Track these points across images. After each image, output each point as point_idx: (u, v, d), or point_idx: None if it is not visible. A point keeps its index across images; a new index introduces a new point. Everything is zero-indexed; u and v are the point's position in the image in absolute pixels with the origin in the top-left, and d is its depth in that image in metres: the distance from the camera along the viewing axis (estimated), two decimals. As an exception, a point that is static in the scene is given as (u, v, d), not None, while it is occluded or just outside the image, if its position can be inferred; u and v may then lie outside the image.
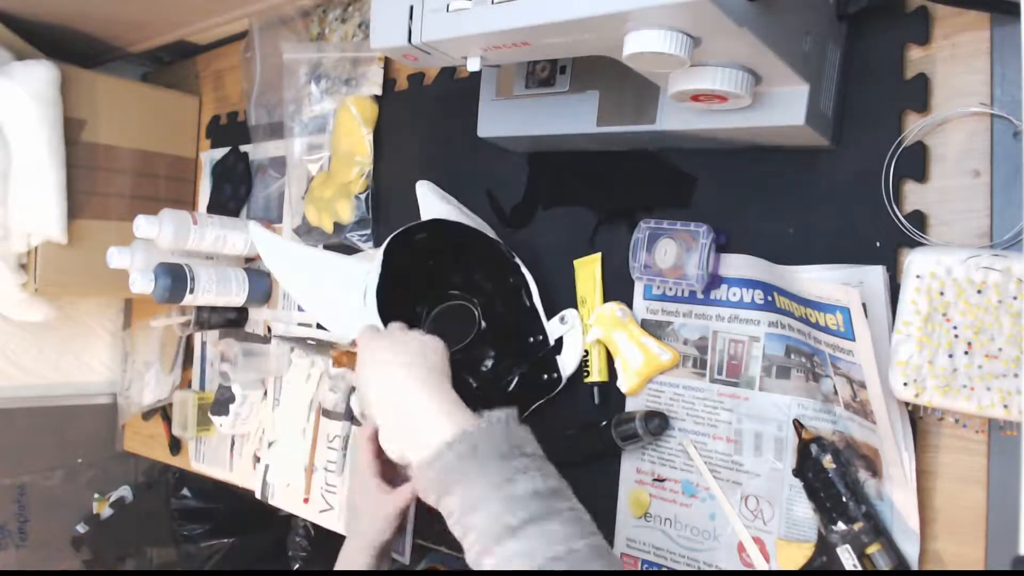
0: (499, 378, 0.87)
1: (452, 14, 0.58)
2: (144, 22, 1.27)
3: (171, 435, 1.36)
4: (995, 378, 0.53)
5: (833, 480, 0.63)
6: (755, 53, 0.56)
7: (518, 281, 0.83)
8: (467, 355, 0.88)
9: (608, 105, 0.73)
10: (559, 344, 0.83)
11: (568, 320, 0.82)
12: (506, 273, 0.84)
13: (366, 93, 1.05)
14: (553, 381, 0.83)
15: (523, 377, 0.86)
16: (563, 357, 0.83)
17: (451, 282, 0.89)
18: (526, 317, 0.84)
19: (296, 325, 1.15)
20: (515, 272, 0.83)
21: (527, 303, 0.83)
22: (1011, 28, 0.59)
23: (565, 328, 0.82)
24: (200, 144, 1.38)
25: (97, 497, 1.57)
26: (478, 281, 0.88)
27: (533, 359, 0.84)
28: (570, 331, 0.82)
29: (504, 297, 0.86)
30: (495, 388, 0.87)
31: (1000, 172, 0.60)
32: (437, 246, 0.85)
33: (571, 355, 0.82)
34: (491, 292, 0.87)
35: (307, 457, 1.10)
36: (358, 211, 1.04)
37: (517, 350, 0.86)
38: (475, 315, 0.88)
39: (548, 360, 0.84)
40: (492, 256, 0.84)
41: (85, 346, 1.54)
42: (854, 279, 0.62)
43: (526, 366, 0.85)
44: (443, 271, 0.87)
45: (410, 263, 0.83)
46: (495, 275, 0.86)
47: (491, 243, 0.83)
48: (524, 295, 0.83)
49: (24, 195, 1.11)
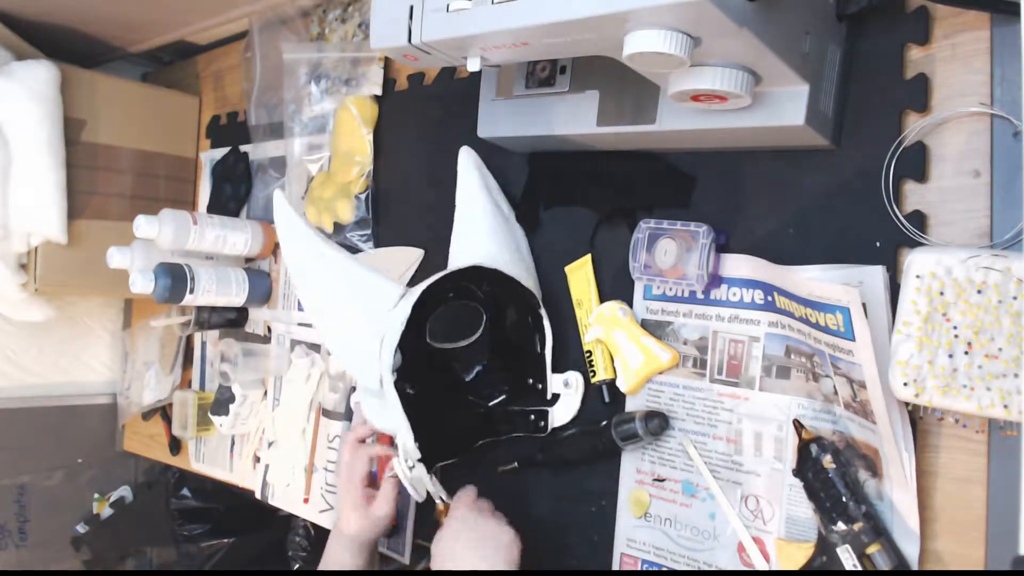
0: (488, 386, 0.88)
1: (452, 14, 0.58)
2: (144, 22, 1.27)
3: (171, 435, 1.36)
4: (995, 378, 0.53)
5: (833, 480, 0.63)
6: (755, 53, 0.56)
7: (536, 326, 0.83)
8: (464, 352, 0.88)
9: (608, 105, 0.73)
10: (555, 399, 0.84)
11: (571, 384, 0.83)
12: (527, 313, 0.84)
13: (366, 93, 1.05)
14: (539, 427, 0.84)
15: (510, 401, 0.87)
16: (555, 411, 0.84)
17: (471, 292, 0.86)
18: (533, 360, 0.84)
19: (296, 325, 1.15)
20: (536, 319, 0.83)
21: (537, 349, 0.83)
22: (1011, 28, 0.59)
23: (566, 391, 0.83)
24: (200, 144, 1.38)
25: (97, 497, 1.57)
26: (496, 293, 0.86)
27: (525, 397, 0.85)
28: (570, 395, 0.83)
29: (517, 327, 0.86)
30: (480, 393, 0.88)
31: (1000, 172, 0.60)
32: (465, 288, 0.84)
33: (562, 414, 0.83)
34: (505, 307, 0.87)
35: (307, 457, 1.10)
36: (358, 211, 1.04)
37: (513, 375, 0.86)
38: (481, 318, 0.87)
39: (540, 407, 0.84)
40: (521, 297, 0.83)
41: (85, 346, 1.54)
42: (854, 279, 0.62)
43: (515, 394, 0.86)
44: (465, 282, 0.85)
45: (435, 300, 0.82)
46: (517, 306, 0.85)
47: (524, 290, 0.82)
48: (538, 341, 0.83)
49: (24, 195, 1.11)
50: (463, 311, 0.87)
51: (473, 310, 0.87)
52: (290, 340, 1.15)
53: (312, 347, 1.11)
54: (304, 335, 1.13)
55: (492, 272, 0.80)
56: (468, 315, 0.87)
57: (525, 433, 0.85)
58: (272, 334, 1.18)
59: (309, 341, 1.12)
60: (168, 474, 1.46)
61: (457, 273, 0.80)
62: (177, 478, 1.44)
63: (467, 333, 0.88)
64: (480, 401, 0.88)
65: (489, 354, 0.88)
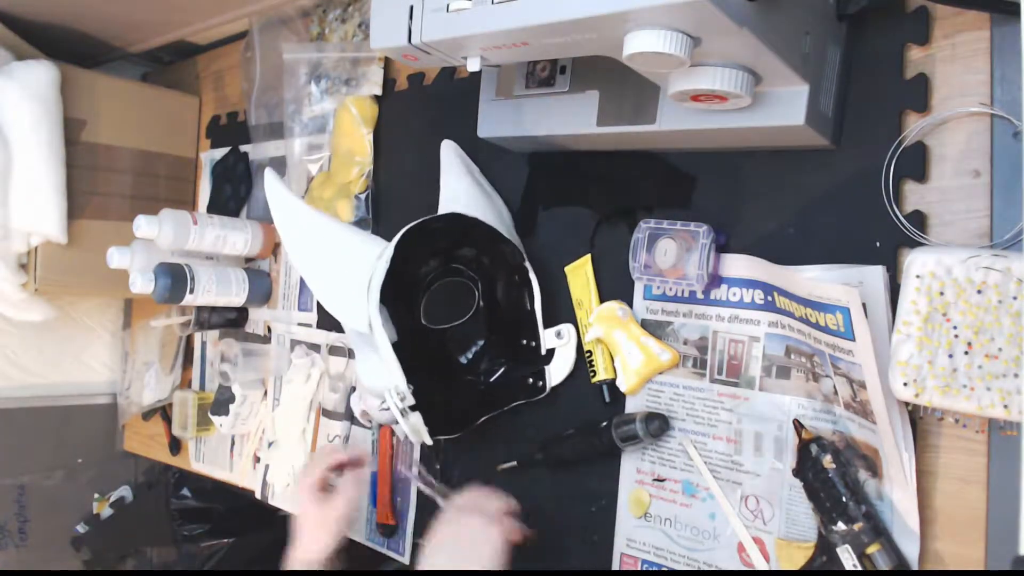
0: (485, 363, 0.88)
1: (452, 14, 0.58)
2: (144, 22, 1.27)
3: (171, 435, 1.36)
4: (995, 378, 0.53)
5: (833, 480, 0.63)
6: (755, 53, 0.56)
7: (523, 283, 0.84)
8: (460, 332, 0.89)
9: (608, 105, 0.73)
10: (550, 354, 0.84)
11: (564, 335, 0.83)
12: (513, 271, 0.85)
13: (366, 93, 1.05)
14: (538, 388, 0.84)
15: (508, 373, 0.87)
16: (552, 368, 0.84)
17: (457, 255, 0.88)
18: (524, 319, 0.84)
19: (296, 325, 1.15)
20: (522, 274, 0.83)
21: (528, 306, 0.84)
22: (1011, 28, 0.59)
23: (560, 342, 0.83)
24: (200, 144, 1.38)
25: (97, 497, 1.57)
26: (485, 262, 0.88)
27: (522, 360, 0.85)
28: (564, 346, 0.83)
29: (507, 289, 0.87)
30: (478, 371, 0.88)
31: (1000, 172, 0.60)
32: (452, 235, 0.85)
33: (560, 368, 0.83)
34: (495, 277, 0.88)
35: (307, 457, 1.10)
36: (358, 211, 1.04)
37: (508, 344, 0.86)
38: (475, 294, 0.88)
39: (537, 367, 0.84)
40: (504, 252, 0.84)
41: (85, 346, 1.54)
42: (854, 279, 0.62)
43: (513, 363, 0.86)
44: (451, 245, 0.87)
45: (421, 250, 0.84)
46: (502, 267, 0.86)
47: (506, 242, 0.83)
48: (527, 298, 0.84)
49: (24, 195, 1.11)
50: (456, 289, 0.88)
51: (465, 287, 0.88)
52: (290, 340, 1.15)
53: (312, 347, 1.11)
54: (304, 335, 1.13)
55: (473, 222, 0.81)
56: (461, 293, 0.89)
57: (525, 399, 0.85)
58: (272, 334, 1.18)
59: (309, 341, 1.12)
60: (168, 474, 1.46)
61: (440, 222, 0.81)
62: (177, 478, 1.44)
63: (462, 311, 0.89)
64: (479, 379, 0.88)
65: (486, 329, 0.89)
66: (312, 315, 1.12)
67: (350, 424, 1.06)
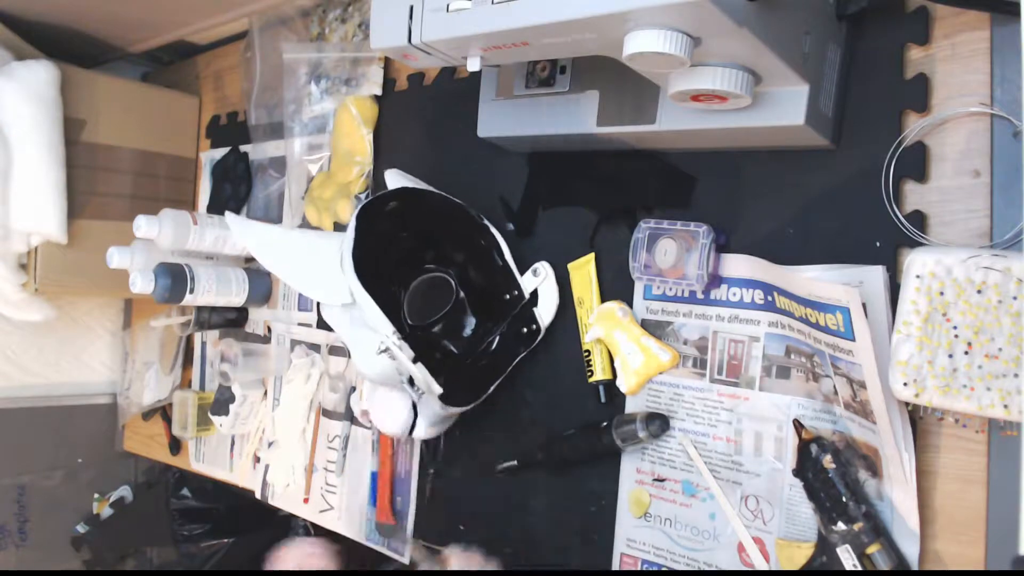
0: (480, 340, 0.89)
1: (452, 14, 0.58)
2: (144, 22, 1.27)
3: (171, 435, 1.36)
4: (995, 378, 0.53)
5: (833, 480, 0.63)
6: (755, 53, 0.56)
7: (489, 243, 0.85)
8: (448, 323, 0.90)
9: (608, 105, 0.73)
10: (535, 297, 0.85)
11: (540, 272, 0.84)
12: (476, 237, 0.86)
13: (366, 93, 1.05)
14: (532, 332, 0.85)
15: (503, 335, 0.88)
16: (540, 308, 0.85)
17: (424, 258, 0.91)
18: (500, 276, 0.85)
19: (296, 325, 1.15)
20: (485, 234, 0.85)
21: (499, 262, 0.85)
22: (1011, 28, 0.59)
23: (538, 280, 0.84)
24: (200, 144, 1.38)
25: (97, 497, 1.57)
26: (450, 252, 0.90)
27: (511, 315, 0.86)
28: (544, 282, 0.84)
29: (477, 261, 0.88)
30: (477, 350, 0.89)
31: (1000, 172, 0.60)
32: (409, 217, 0.87)
33: (547, 305, 0.85)
34: (463, 261, 0.90)
35: (307, 457, 1.11)
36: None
37: (495, 311, 0.87)
38: (452, 285, 0.90)
39: (526, 313, 0.85)
40: (461, 221, 0.86)
41: (85, 346, 1.54)
42: (854, 279, 0.62)
43: (505, 325, 0.87)
44: (416, 247, 0.90)
45: (384, 233, 0.86)
46: (466, 242, 0.87)
47: (458, 207, 0.85)
48: (496, 255, 0.85)
49: (24, 195, 1.11)
50: (432, 284, 0.91)
51: (440, 280, 0.90)
52: (290, 340, 1.15)
53: (312, 347, 1.11)
54: (304, 335, 1.13)
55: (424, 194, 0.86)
56: (438, 285, 0.91)
57: (525, 349, 0.86)
58: (272, 334, 1.18)
59: (309, 341, 1.12)
60: (168, 474, 1.46)
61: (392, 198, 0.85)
62: (177, 478, 1.44)
63: (444, 302, 0.90)
64: (478, 357, 0.89)
65: (471, 312, 0.90)
66: (312, 315, 1.12)
67: (350, 424, 1.06)
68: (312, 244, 0.91)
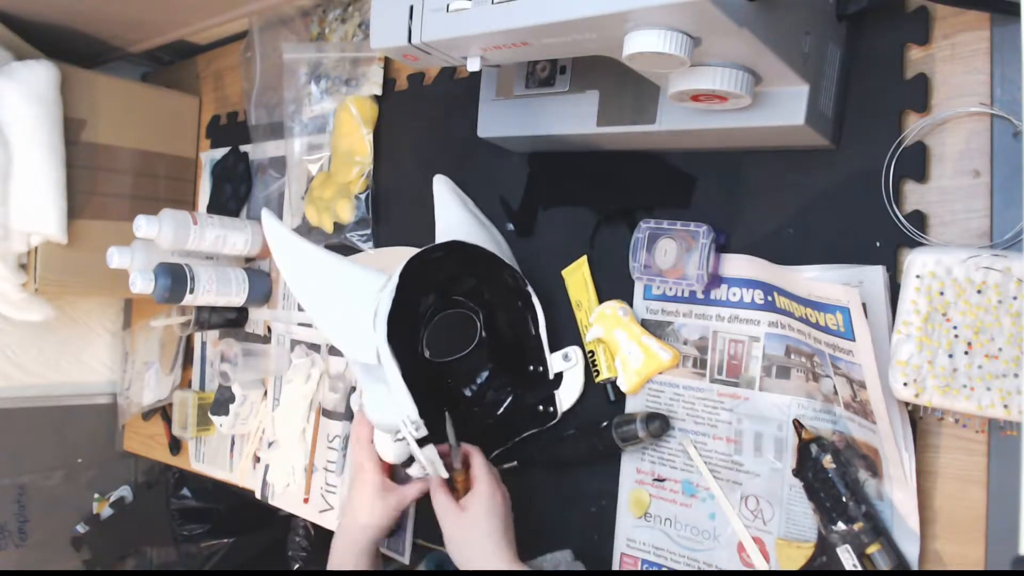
0: (491, 392, 0.87)
1: (452, 14, 0.58)
2: (144, 22, 1.27)
3: (171, 435, 1.36)
4: (995, 378, 0.53)
5: (833, 480, 0.63)
6: (755, 53, 0.56)
7: (526, 308, 0.83)
8: (464, 364, 0.87)
9: (608, 105, 0.73)
10: (558, 379, 0.83)
11: (571, 358, 0.82)
12: (515, 297, 0.83)
13: (366, 93, 1.05)
14: (549, 415, 0.83)
15: (516, 402, 0.85)
16: (562, 392, 0.83)
17: (458, 288, 0.87)
18: (530, 344, 0.83)
19: (296, 325, 1.15)
20: (525, 299, 0.82)
21: (532, 331, 0.83)
22: (1011, 28, 0.59)
23: (567, 365, 0.82)
24: (200, 144, 1.38)
25: (97, 497, 1.57)
26: (485, 293, 0.86)
27: (530, 388, 0.84)
28: (572, 368, 0.82)
29: (510, 317, 0.85)
30: (485, 404, 0.87)
31: (1000, 172, 0.60)
32: (453, 264, 0.83)
33: (570, 392, 0.82)
34: (496, 307, 0.87)
35: (307, 457, 1.10)
36: (358, 211, 1.04)
37: (514, 372, 0.85)
38: (476, 325, 0.87)
39: (546, 392, 0.83)
40: (505, 279, 0.83)
41: (85, 346, 1.54)
42: (854, 279, 0.62)
43: (520, 392, 0.85)
44: (453, 276, 0.85)
45: (423, 280, 0.82)
46: (504, 295, 0.85)
47: (506, 267, 0.82)
48: (531, 323, 0.83)
49: (24, 195, 1.11)
50: (456, 321, 0.87)
51: (466, 319, 0.87)
52: (290, 340, 1.15)
53: (312, 347, 1.11)
54: (304, 335, 1.13)
55: (473, 249, 0.80)
56: (462, 324, 0.87)
57: (537, 428, 0.84)
58: (272, 334, 1.18)
59: (309, 341, 1.12)
60: (168, 474, 1.46)
61: (441, 251, 0.79)
62: (177, 478, 1.44)
63: (465, 343, 0.87)
64: (486, 412, 0.87)
65: (490, 360, 0.87)
66: (312, 315, 1.12)
67: (350, 424, 1.06)
68: (347, 278, 0.81)
